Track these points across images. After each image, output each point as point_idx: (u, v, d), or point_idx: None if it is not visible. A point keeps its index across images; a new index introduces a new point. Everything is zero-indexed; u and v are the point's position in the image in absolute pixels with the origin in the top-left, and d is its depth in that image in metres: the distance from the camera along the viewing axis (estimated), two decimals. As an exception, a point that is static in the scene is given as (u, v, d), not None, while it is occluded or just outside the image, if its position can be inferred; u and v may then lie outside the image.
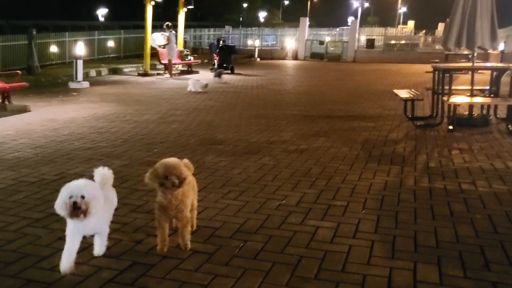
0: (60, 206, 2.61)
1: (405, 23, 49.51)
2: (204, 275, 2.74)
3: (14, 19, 35.57)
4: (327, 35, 32.45)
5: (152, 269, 2.81)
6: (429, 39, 28.56)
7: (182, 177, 2.83)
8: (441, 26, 29.90)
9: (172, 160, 2.90)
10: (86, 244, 3.02)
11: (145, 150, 5.74)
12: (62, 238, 3.18)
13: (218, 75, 14.50)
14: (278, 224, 3.55)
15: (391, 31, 31.59)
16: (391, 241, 3.28)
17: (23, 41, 15.56)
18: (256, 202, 4.01)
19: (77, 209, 2.56)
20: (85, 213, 2.58)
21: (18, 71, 9.42)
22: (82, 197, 2.57)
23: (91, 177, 2.88)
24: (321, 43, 28.75)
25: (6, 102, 8.42)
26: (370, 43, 27.86)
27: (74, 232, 2.70)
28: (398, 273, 2.83)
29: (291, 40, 28.56)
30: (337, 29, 35.93)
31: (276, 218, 3.66)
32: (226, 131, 7.00)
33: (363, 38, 29.72)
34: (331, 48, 28.12)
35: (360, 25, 29.69)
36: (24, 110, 8.31)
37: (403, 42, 28.48)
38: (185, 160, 3.07)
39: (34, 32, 15.03)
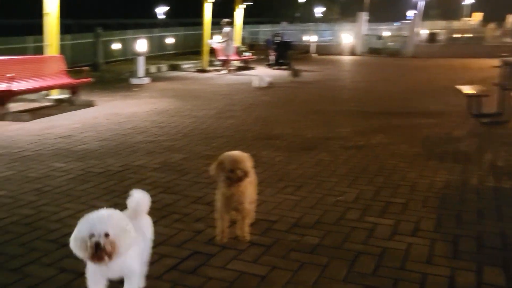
0: (79, 246, 2.02)
1: (469, 15, 47.21)
2: (262, 267, 2.79)
3: (81, 18, 37.46)
4: (385, 30, 31.59)
5: (212, 258, 2.89)
6: (498, 31, 27.07)
7: (247, 170, 2.91)
8: (509, 18, 28.27)
9: (238, 153, 2.96)
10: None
11: (204, 144, 5.88)
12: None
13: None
14: (335, 219, 3.53)
15: (455, 24, 30.23)
16: (453, 240, 3.18)
17: (89, 39, 16.38)
18: (313, 197, 4.01)
19: (101, 251, 1.98)
20: (110, 255, 2.01)
21: (85, 68, 9.94)
22: (107, 234, 1.99)
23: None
24: (379, 38, 28.06)
25: (74, 97, 8.92)
26: (432, 37, 26.84)
27: (96, 277, 2.16)
28: (461, 274, 2.74)
29: (348, 36, 28.08)
30: (397, 23, 34.87)
31: (333, 213, 3.65)
32: (282, 127, 7.03)
33: (424, 32, 28.67)
34: (390, 43, 27.37)
35: (422, 19, 28.65)
36: (90, 104, 8.77)
37: (468, 35, 27.20)
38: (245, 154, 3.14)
39: (100, 31, 15.77)
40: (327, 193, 4.13)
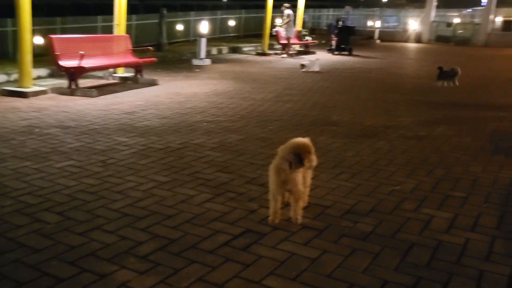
0: None
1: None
2: (313, 250, 2.81)
3: (146, -1, 38.50)
4: (456, 16, 29.99)
5: (264, 238, 2.95)
6: None
7: (315, 160, 3.00)
8: None
9: (308, 141, 3.04)
10: (205, 209, 3.26)
11: (260, 127, 5.93)
12: (185, 201, 3.48)
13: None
14: (391, 209, 3.47)
15: (533, 11, 28.15)
16: (516, 239, 3.04)
17: (154, 19, 16.83)
18: (369, 185, 3.96)
19: None
20: None
21: (149, 47, 10.25)
22: None
23: None
24: (449, 25, 26.72)
25: (139, 76, 9.24)
26: (507, 25, 25.16)
27: None
28: (522, 273, 2.63)
29: (415, 22, 26.95)
30: (468, 10, 33.00)
31: (389, 203, 3.58)
32: (341, 113, 6.93)
33: (498, 20, 26.94)
34: (460, 31, 25.99)
35: (497, 5, 26.90)
36: (153, 83, 9.06)
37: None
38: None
39: (165, 12, 16.15)
40: (383, 182, 4.05)
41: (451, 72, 9.87)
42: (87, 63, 7.81)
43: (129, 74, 9.51)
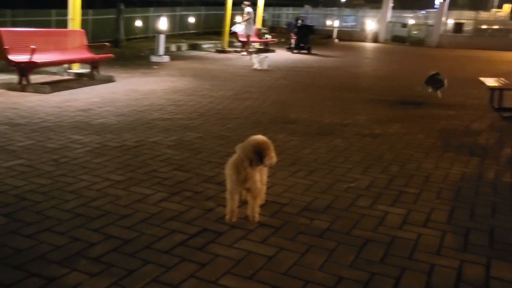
0: None
1: (500, 6, 45.86)
2: (270, 248, 2.81)
3: (104, -7, 37.57)
4: (411, 18, 30.93)
5: (220, 237, 2.92)
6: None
7: (274, 158, 2.99)
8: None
9: (265, 138, 3.01)
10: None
11: (219, 125, 5.90)
12: (140, 201, 3.40)
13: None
14: (346, 206, 3.53)
15: (483, 14, 29.43)
16: (464, 233, 3.16)
17: (111, 15, 16.42)
18: (325, 182, 4.01)
19: None
20: None
21: (106, 43, 9.99)
22: None
23: None
24: (404, 26, 27.52)
25: (95, 72, 8.99)
26: (458, 27, 26.19)
27: None
28: (470, 266, 2.73)
29: (372, 22, 27.60)
30: (422, 12, 34.10)
31: (345, 200, 3.64)
32: (299, 111, 6.99)
33: (450, 22, 28.00)
34: (414, 32, 26.83)
35: (448, 8, 27.95)
36: (110, 80, 8.83)
37: (496, 27, 26.48)
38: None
39: (123, 7, 15.79)
40: (339, 179, 4.12)
41: (440, 82, 8.80)
42: (39, 58, 7.52)
43: (85, 70, 9.24)
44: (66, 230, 2.89)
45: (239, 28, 16.11)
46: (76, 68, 9.40)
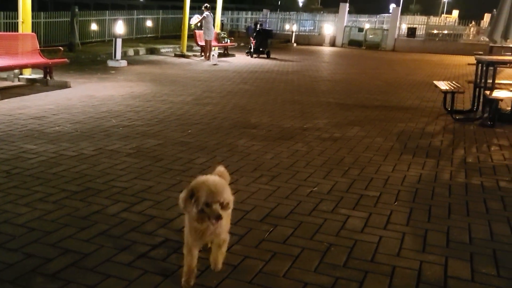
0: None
1: (449, 12, 47.83)
2: (234, 256, 2.79)
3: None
4: (366, 22, 31.75)
5: (184, 246, 2.86)
6: (473, 30, 27.48)
7: (226, 202, 2.25)
8: (487, 17, 28.73)
9: (216, 181, 2.28)
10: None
11: (180, 131, 5.82)
12: (99, 212, 3.30)
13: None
14: (309, 210, 3.55)
15: (433, 20, 30.57)
16: (423, 234, 3.24)
17: (65, 18, 15.94)
18: (288, 187, 4.02)
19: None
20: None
21: (60, 48, 9.68)
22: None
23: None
24: (360, 30, 28.20)
25: (48, 78, 8.68)
26: (411, 32, 27.08)
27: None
28: (429, 267, 2.80)
29: (330, 26, 28.12)
30: (377, 16, 35.07)
31: (307, 204, 3.67)
32: (260, 116, 7.01)
33: (404, 27, 28.95)
34: (370, 36, 27.54)
35: (402, 13, 28.86)
36: (64, 85, 8.55)
37: (445, 32, 27.58)
38: (221, 169, 2.62)
39: (77, 10, 15.36)
40: (302, 183, 4.14)
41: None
42: (-13, 63, 7.19)
43: (38, 75, 8.91)
44: (19, 246, 2.75)
45: (195, 20, 16.02)
46: (28, 74, 9.05)
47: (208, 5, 16.27)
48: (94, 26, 18.07)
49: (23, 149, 4.66)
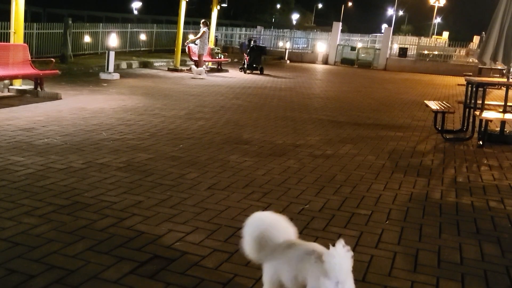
0: None
1: (439, 33, 48.61)
2: (224, 274, 2.74)
3: (50, 7, 36.51)
4: (359, 41, 32.13)
5: (173, 264, 2.82)
6: (463, 51, 27.91)
7: None
8: (476, 39, 29.23)
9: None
10: (108, 234, 3.04)
11: (171, 145, 5.78)
12: (87, 227, 3.23)
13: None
14: (301, 228, 3.51)
15: (424, 40, 31.03)
16: (414, 254, 3.22)
17: (58, 29, 15.92)
18: (279, 204, 3.99)
19: None
20: None
21: (52, 59, 9.64)
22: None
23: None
24: (353, 49, 28.48)
25: (39, 89, 8.62)
26: (403, 51, 27.42)
27: None
28: (420, 287, 2.77)
29: (323, 44, 28.39)
30: (370, 36, 35.55)
31: (299, 222, 3.63)
32: (252, 131, 7.00)
33: (395, 46, 29.33)
34: (363, 55, 27.82)
35: (394, 33, 29.27)
36: (55, 97, 8.49)
37: (436, 52, 27.97)
38: None
39: (70, 22, 15.36)
40: (293, 201, 4.11)
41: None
42: (-22, 73, 7.13)
43: (29, 86, 8.84)
44: (2, 262, 2.68)
45: (195, 48, 16.02)
46: (19, 85, 8.98)
47: (208, 22, 16.29)
48: (87, 38, 18.06)
49: (10, 161, 4.59)
